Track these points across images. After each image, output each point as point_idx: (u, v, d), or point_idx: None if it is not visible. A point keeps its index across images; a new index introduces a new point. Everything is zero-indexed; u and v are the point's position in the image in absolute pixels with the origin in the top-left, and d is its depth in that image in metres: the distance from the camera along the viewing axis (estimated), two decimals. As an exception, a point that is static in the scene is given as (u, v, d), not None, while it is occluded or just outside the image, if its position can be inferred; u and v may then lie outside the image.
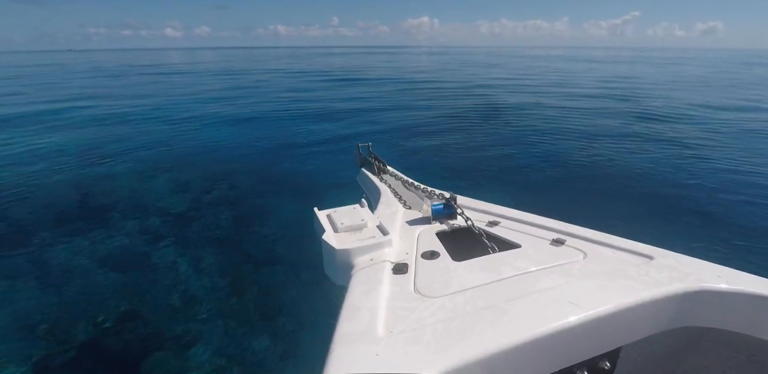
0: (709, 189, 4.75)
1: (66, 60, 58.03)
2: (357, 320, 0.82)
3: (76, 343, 2.44)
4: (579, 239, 1.12)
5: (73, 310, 2.73)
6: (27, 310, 2.74)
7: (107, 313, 2.68)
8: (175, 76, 23.86)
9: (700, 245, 3.47)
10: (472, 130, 8.10)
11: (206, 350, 2.34)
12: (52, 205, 4.49)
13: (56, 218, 4.11)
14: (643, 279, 0.92)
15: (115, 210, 4.27)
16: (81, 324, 2.58)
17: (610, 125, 8.50)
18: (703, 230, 3.78)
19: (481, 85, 17.06)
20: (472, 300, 0.87)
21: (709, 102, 11.70)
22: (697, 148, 6.63)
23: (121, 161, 6.06)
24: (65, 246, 3.53)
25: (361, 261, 1.05)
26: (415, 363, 0.69)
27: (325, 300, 2.51)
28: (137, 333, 2.51)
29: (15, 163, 5.97)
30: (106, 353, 2.38)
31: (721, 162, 5.81)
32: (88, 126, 8.61)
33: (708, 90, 15.07)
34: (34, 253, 3.45)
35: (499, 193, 4.65)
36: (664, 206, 4.33)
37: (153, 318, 2.63)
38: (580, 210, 4.11)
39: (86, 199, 4.69)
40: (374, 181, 1.75)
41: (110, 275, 3.12)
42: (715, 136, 7.51)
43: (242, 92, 14.51)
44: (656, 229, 3.69)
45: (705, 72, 26.35)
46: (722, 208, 4.23)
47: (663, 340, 0.96)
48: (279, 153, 6.42)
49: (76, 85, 18.57)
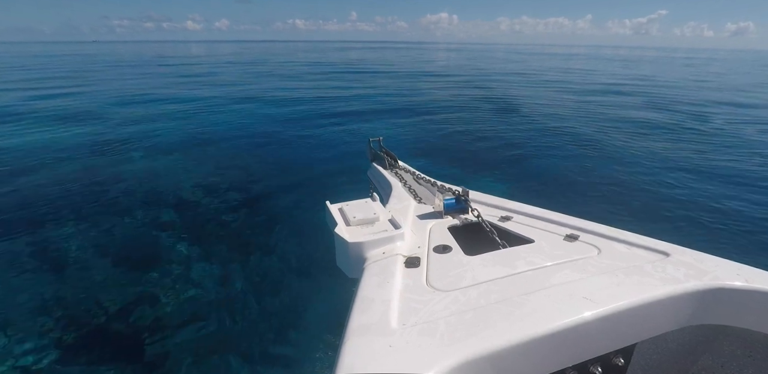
0: (728, 188, 4.69)
1: (93, 51, 59.34)
2: (370, 312, 0.82)
3: (86, 325, 2.52)
4: (593, 234, 1.11)
5: (85, 294, 2.82)
6: (42, 293, 2.84)
7: (117, 299, 2.75)
8: (195, 67, 24.24)
9: (718, 243, 3.44)
10: (486, 125, 8.05)
11: (218, 341, 2.38)
12: (69, 191, 4.65)
13: (70, 205, 4.24)
14: (659, 276, 0.91)
15: (128, 198, 4.39)
16: (92, 308, 2.67)
17: (626, 123, 8.39)
18: (721, 227, 3.73)
19: (497, 80, 16.90)
20: (486, 293, 0.87)
21: (733, 101, 11.39)
22: (714, 146, 6.53)
23: (137, 149, 6.21)
24: (80, 233, 3.63)
25: (374, 254, 1.05)
26: (428, 355, 0.69)
27: (337, 292, 2.53)
28: (147, 319, 2.56)
29: (40, 149, 6.19)
30: (114, 337, 2.45)
31: (742, 162, 5.72)
32: (113, 116, 8.85)
33: (732, 91, 14.62)
34: (51, 238, 3.56)
35: (511, 188, 4.62)
36: (678, 204, 4.27)
37: (163, 307, 2.67)
38: (594, 206, 4.09)
39: (101, 187, 4.82)
40: (386, 175, 1.75)
41: (122, 262, 3.20)
42: (736, 135, 7.37)
43: (255, 85, 14.64)
44: (671, 226, 3.67)
45: (731, 72, 25.49)
46: (743, 206, 4.16)
47: (678, 337, 0.94)
48: (290, 147, 6.48)
49: (101, 76, 19.03)
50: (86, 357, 2.28)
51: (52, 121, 8.29)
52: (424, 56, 43.76)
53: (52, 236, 3.59)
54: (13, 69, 22.70)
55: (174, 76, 18.92)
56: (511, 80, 17.79)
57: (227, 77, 17.84)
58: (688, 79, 20.15)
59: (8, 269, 3.10)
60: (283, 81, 16.48)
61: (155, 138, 6.97)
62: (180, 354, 2.29)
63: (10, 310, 2.65)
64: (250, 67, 24.90)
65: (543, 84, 15.60)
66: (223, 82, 15.61)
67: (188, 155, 6.00)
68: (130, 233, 3.66)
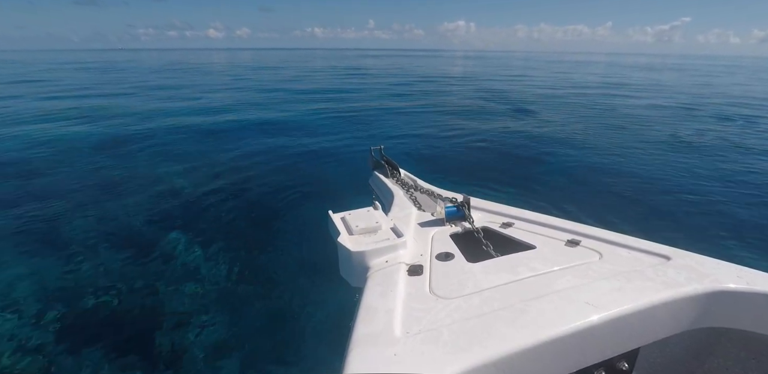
0: (726, 193, 4.64)
1: (122, 58, 61.68)
2: (374, 321, 0.83)
3: (85, 310, 2.60)
4: (594, 239, 1.12)
5: (87, 281, 2.91)
6: (46, 277, 2.94)
7: (119, 288, 2.82)
8: (217, 75, 24.90)
9: (718, 246, 3.40)
10: (487, 132, 8.02)
11: (215, 342, 2.38)
12: (79, 183, 4.85)
13: (77, 196, 4.43)
14: (661, 280, 0.92)
15: (138, 196, 4.53)
16: (92, 294, 2.75)
17: (627, 128, 8.39)
18: (722, 230, 3.68)
19: (502, 89, 16.84)
20: (488, 300, 0.88)
21: (736, 109, 11.13)
22: (716, 151, 6.45)
23: (143, 153, 6.40)
24: (86, 227, 3.76)
25: (377, 263, 1.06)
26: (432, 363, 0.70)
27: (341, 301, 2.52)
28: (145, 315, 2.60)
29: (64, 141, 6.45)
30: (112, 324, 2.50)
31: (741, 166, 5.67)
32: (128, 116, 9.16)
33: (736, 98, 14.21)
34: (58, 226, 3.73)
35: (512, 195, 4.61)
36: (679, 207, 4.23)
37: (163, 304, 2.70)
38: (594, 211, 4.06)
39: (108, 181, 5.01)
40: (387, 184, 1.77)
41: (123, 257, 3.27)
42: (737, 142, 7.25)
43: (265, 94, 14.92)
44: (672, 230, 3.63)
45: (747, 80, 24.75)
46: (743, 210, 4.13)
47: (682, 341, 0.94)
48: (292, 156, 6.51)
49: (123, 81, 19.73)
50: (83, 348, 2.33)
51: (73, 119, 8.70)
52: (436, 63, 43.91)
53: (59, 229, 3.74)
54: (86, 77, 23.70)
55: (189, 80, 19.50)
56: (514, 86, 17.76)
57: (246, 83, 18.24)
58: (685, 84, 19.82)
59: (17, 258, 3.24)
60: (292, 84, 16.81)
61: (167, 137, 7.25)
62: (177, 351, 2.32)
63: (12, 298, 2.74)
64: (265, 72, 25.39)
65: (546, 91, 15.47)
66: (239, 88, 15.97)
67: (197, 157, 6.15)
68: (133, 230, 3.76)
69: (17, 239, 3.58)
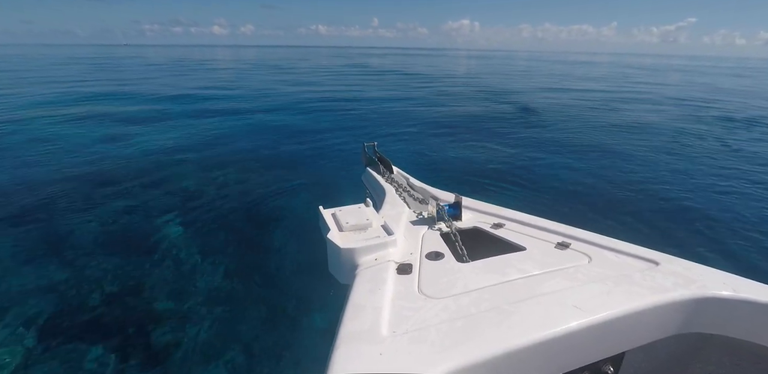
0: (716, 198, 4.62)
1: (130, 54, 61.82)
2: (361, 319, 0.83)
3: (80, 310, 2.59)
4: (584, 242, 1.12)
5: (81, 280, 2.90)
6: (42, 277, 2.93)
7: (112, 287, 2.82)
8: (220, 71, 24.94)
9: (706, 252, 3.38)
10: (481, 133, 8.00)
11: (204, 347, 2.36)
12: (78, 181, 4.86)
13: (77, 195, 4.43)
14: (648, 285, 0.92)
15: (136, 193, 4.55)
16: (89, 293, 2.74)
17: (624, 131, 8.35)
18: (710, 237, 3.67)
19: (502, 89, 16.80)
20: (477, 301, 0.88)
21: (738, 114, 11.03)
22: (712, 156, 6.43)
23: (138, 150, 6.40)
24: (82, 226, 3.75)
25: (366, 261, 1.06)
26: (418, 363, 0.70)
27: (329, 298, 2.51)
28: (137, 313, 2.59)
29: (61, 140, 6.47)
30: (108, 323, 2.50)
31: (730, 171, 5.65)
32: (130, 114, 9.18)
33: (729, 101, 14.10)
34: (56, 226, 3.71)
35: (504, 196, 4.59)
36: (670, 213, 4.21)
37: (154, 302, 2.69)
38: (585, 215, 4.05)
39: (103, 178, 5.02)
40: (379, 181, 1.75)
41: (118, 254, 3.27)
42: (726, 146, 7.22)
43: (261, 89, 14.93)
44: (661, 235, 3.62)
45: (746, 82, 24.61)
46: (732, 216, 4.11)
47: (667, 346, 0.95)
48: (284, 150, 6.49)
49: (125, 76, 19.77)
50: (79, 347, 2.33)
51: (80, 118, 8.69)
52: (438, 62, 43.82)
53: (57, 227, 3.75)
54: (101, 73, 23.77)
55: (186, 76, 19.52)
56: (514, 86, 17.73)
57: (246, 82, 18.25)
58: (680, 85, 19.78)
59: (14, 255, 3.25)
60: (292, 84, 16.81)
61: (166, 134, 7.26)
62: (167, 349, 2.31)
63: (6, 297, 2.74)
64: (269, 72, 25.41)
65: (546, 93, 15.41)
66: (237, 86, 16.00)
67: (194, 154, 6.15)
68: (130, 229, 3.76)
69: (11, 236, 3.58)
